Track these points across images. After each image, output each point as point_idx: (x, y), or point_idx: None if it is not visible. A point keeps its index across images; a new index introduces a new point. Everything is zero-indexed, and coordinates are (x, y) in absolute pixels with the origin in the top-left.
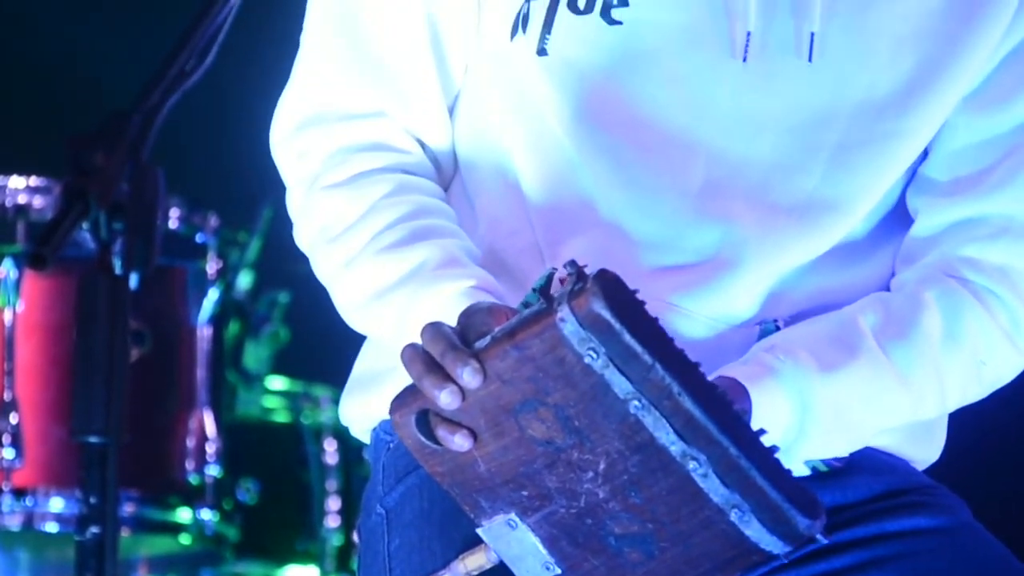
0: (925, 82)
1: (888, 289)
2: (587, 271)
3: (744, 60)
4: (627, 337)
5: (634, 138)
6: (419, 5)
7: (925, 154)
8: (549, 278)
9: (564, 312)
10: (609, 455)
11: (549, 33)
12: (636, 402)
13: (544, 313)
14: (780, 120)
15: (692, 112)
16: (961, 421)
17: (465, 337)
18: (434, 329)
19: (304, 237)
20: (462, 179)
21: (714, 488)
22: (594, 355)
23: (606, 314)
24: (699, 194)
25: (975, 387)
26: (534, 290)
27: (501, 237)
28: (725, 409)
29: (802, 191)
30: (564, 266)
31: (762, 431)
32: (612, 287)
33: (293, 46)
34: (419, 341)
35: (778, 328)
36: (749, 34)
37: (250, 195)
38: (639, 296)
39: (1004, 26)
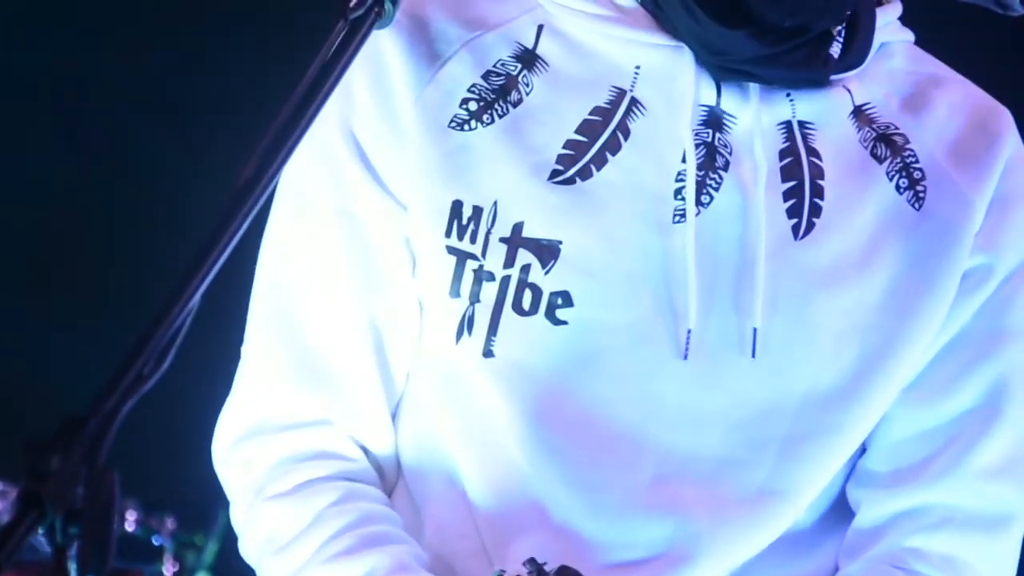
0: (866, 375)
1: None
2: (547, 568)
3: (685, 358)
4: None
5: (582, 437)
6: (362, 311)
7: (863, 447)
8: None
9: None
10: None
11: (495, 335)
12: None
13: None
14: (726, 416)
15: (639, 409)
16: None
17: None
18: None
19: (250, 549)
20: (406, 483)
21: None
22: None
23: None
24: (649, 490)
25: None
26: None
27: (448, 541)
28: None
29: (752, 484)
30: (524, 564)
31: None
32: None
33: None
34: None
35: None
36: (689, 332)
37: (207, 498)
38: None
39: (940, 320)
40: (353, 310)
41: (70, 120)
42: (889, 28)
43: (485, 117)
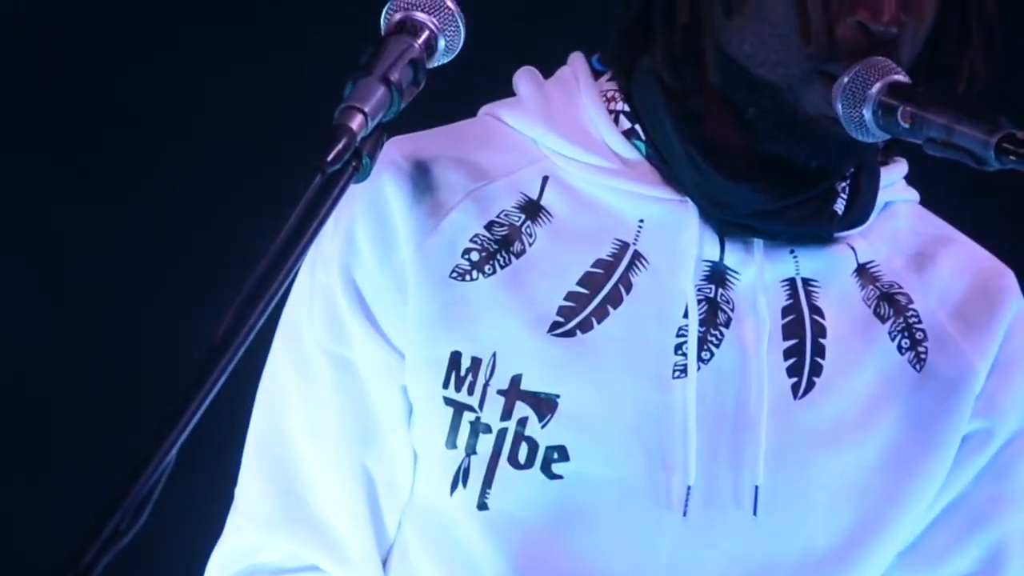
0: (863, 537)
1: None
2: None
3: (684, 514)
4: None
5: None
6: (356, 460)
7: None
8: None
9: None
10: None
11: (490, 488)
12: None
13: None
14: (721, 572)
15: (632, 565)
16: None
17: None
18: None
19: None
20: None
21: None
22: None
23: None
24: None
25: None
26: None
27: None
28: None
29: None
30: None
31: None
32: None
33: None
34: None
35: None
36: (689, 488)
37: None
38: None
39: (939, 483)
40: (346, 459)
41: (49, 272)
42: (894, 187)
43: (487, 267)
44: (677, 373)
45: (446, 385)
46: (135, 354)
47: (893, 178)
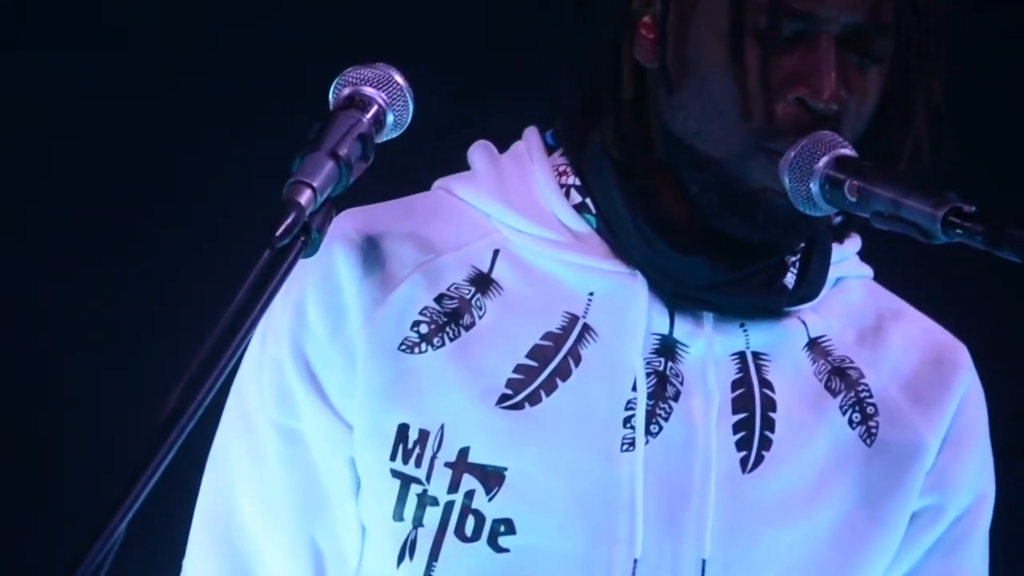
0: None
1: None
2: None
3: None
4: None
5: None
6: (303, 533)
7: None
8: None
9: None
10: None
11: (436, 561)
12: None
13: None
14: None
15: None
16: None
17: None
18: None
19: None
20: None
21: None
22: None
23: None
24: None
25: None
26: None
27: None
28: None
29: None
30: None
31: None
32: None
33: None
34: None
35: None
36: (636, 561)
37: None
38: None
39: (889, 559)
40: (295, 532)
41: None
42: (847, 263)
43: (436, 340)
44: (625, 446)
45: (393, 457)
46: (83, 431)
47: (845, 253)
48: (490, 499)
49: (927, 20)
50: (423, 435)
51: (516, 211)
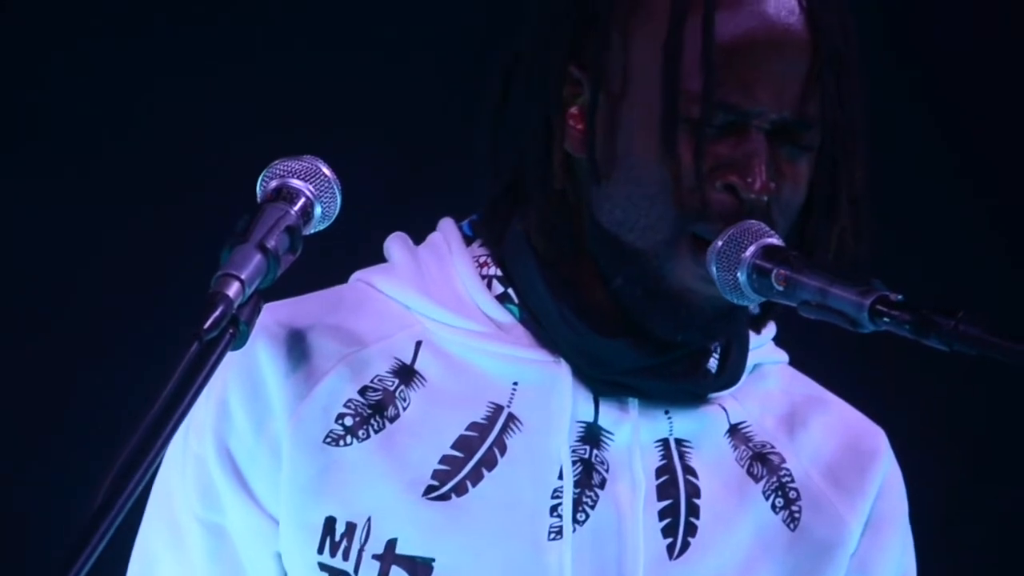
0: None
1: None
2: None
3: None
4: None
5: None
6: None
7: None
8: None
9: None
10: None
11: None
12: None
13: None
14: None
15: None
16: None
17: None
18: None
19: None
20: None
21: None
22: None
23: None
24: None
25: None
26: None
27: None
28: None
29: None
30: None
31: None
32: None
33: None
34: None
35: None
36: None
37: None
38: None
39: None
40: None
41: None
42: (763, 349)
43: (360, 432)
44: (553, 535)
45: (321, 551)
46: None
47: (762, 340)
48: None
49: (851, 113)
50: (350, 527)
51: (437, 303)
